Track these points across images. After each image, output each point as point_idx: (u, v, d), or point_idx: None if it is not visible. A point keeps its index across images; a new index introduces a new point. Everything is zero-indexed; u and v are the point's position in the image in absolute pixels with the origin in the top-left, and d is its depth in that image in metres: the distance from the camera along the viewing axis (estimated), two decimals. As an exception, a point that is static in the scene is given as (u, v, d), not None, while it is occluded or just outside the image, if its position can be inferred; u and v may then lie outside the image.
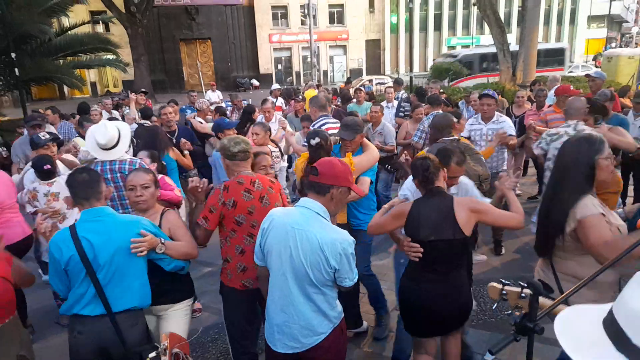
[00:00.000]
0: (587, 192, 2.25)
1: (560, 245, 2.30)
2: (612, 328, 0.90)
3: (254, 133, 4.64)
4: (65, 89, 26.89)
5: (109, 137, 3.42)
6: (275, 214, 2.21)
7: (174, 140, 5.24)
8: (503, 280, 1.77)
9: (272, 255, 2.16)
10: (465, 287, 2.62)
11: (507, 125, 4.98)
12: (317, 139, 3.28)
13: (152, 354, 1.81)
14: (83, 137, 5.57)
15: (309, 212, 2.10)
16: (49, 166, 3.93)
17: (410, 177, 2.81)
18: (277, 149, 5.12)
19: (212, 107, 8.07)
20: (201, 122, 6.52)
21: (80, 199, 2.35)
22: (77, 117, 7.99)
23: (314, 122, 4.64)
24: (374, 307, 3.85)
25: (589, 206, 2.19)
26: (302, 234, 2.06)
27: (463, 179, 3.05)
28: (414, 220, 2.49)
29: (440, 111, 5.67)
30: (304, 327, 2.13)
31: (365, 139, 3.56)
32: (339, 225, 3.24)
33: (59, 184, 3.96)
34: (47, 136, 4.31)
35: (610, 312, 0.93)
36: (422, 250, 2.45)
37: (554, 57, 21.26)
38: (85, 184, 2.35)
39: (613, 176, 4.34)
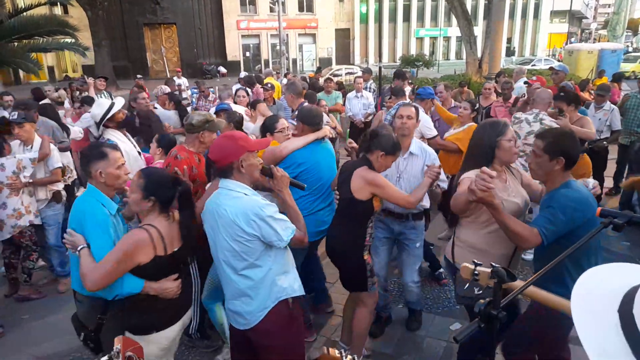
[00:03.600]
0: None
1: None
2: (629, 325, 0.76)
3: None
4: (21, 73, 25.55)
5: (94, 113, 3.83)
6: (208, 200, 2.29)
7: None
8: (475, 261, 1.78)
9: (210, 240, 2.28)
10: (347, 245, 2.93)
11: None
12: None
13: (104, 358, 1.73)
14: None
15: (223, 191, 2.18)
16: None
17: None
18: None
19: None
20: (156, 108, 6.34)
21: None
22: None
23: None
24: None
25: (467, 175, 2.54)
26: (218, 212, 2.15)
27: (428, 148, 3.41)
28: (339, 176, 3.05)
29: (406, 100, 5.69)
30: (245, 303, 2.20)
31: (292, 137, 3.47)
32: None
33: None
34: (15, 116, 4.26)
35: (628, 301, 0.79)
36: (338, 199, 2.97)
37: None
38: (81, 157, 2.51)
39: (581, 159, 4.62)
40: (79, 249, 2.21)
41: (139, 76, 12.31)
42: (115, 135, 3.91)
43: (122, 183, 2.48)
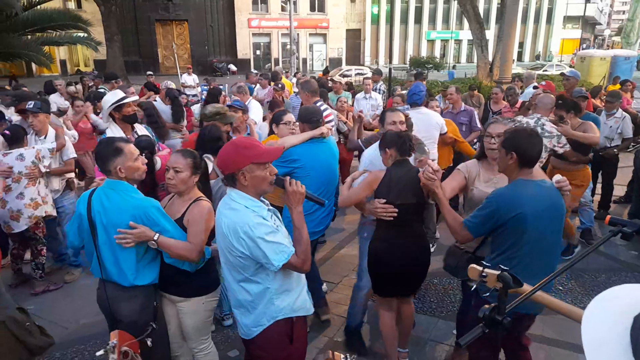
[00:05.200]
0: (478, 159, 2.91)
1: None
2: (638, 347, 0.75)
3: None
4: (34, 66, 25.82)
5: (105, 100, 3.93)
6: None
7: None
8: (484, 262, 1.77)
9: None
10: (425, 240, 2.99)
11: None
12: None
13: (100, 352, 1.76)
14: None
15: (227, 199, 2.10)
16: (7, 132, 4.07)
17: (369, 152, 3.22)
18: None
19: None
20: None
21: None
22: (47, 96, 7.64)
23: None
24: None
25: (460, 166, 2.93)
26: (217, 220, 2.11)
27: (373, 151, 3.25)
28: (386, 185, 2.80)
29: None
30: (242, 314, 2.16)
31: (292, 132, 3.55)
32: None
33: (12, 157, 4.01)
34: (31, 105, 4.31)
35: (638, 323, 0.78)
36: (396, 210, 2.75)
37: None
38: (96, 156, 2.46)
39: (582, 170, 4.63)
40: (155, 238, 2.31)
41: (149, 73, 12.42)
42: (113, 130, 3.84)
43: (142, 174, 2.51)
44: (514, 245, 2.31)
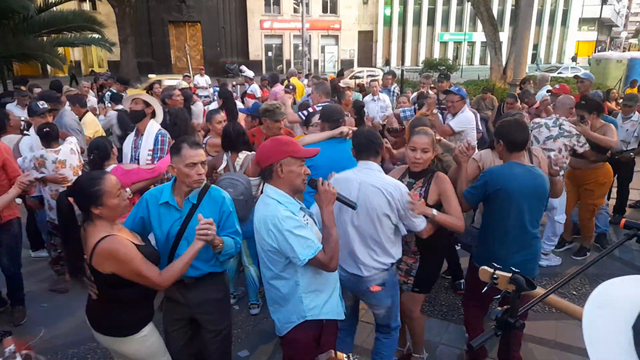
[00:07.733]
0: (492, 149, 3.26)
1: None
2: None
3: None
4: (48, 66, 26.19)
5: None
6: None
7: None
8: (495, 264, 1.75)
9: None
10: None
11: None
12: None
13: None
14: None
15: (263, 196, 2.19)
16: (47, 129, 4.08)
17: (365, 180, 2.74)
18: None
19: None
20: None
21: None
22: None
23: (320, 105, 4.59)
24: None
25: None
26: (254, 216, 2.19)
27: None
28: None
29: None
30: (275, 310, 2.24)
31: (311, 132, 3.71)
32: None
33: (65, 152, 4.12)
34: (45, 106, 4.51)
35: None
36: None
37: None
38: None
39: (602, 167, 4.64)
40: None
41: (186, 74, 12.68)
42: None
43: (193, 183, 2.33)
44: (500, 216, 2.70)
